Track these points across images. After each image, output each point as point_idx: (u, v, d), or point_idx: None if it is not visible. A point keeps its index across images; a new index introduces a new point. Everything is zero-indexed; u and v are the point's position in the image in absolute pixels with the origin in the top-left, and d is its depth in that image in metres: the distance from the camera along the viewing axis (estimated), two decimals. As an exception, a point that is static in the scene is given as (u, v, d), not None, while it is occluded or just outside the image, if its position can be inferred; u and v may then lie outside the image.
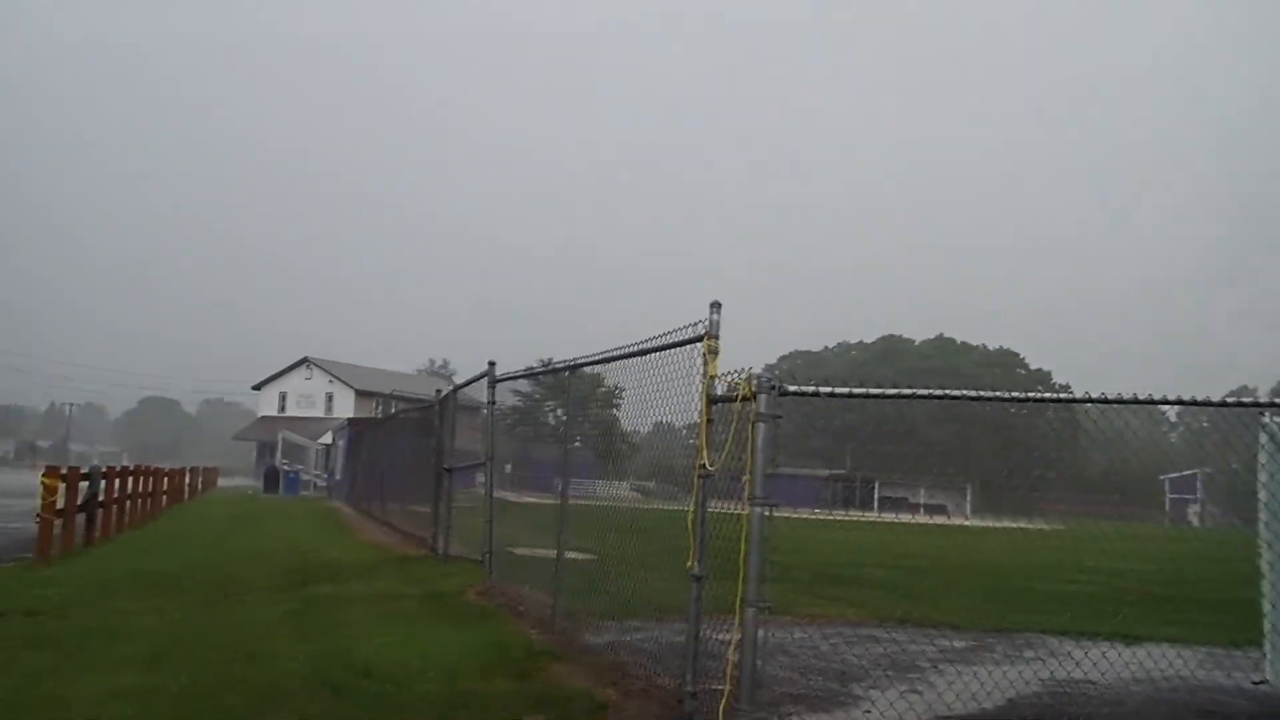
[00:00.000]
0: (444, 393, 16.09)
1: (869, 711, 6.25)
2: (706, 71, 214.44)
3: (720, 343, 5.90)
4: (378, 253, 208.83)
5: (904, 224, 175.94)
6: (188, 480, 35.00)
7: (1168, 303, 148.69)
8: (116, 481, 18.60)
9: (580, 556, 9.42)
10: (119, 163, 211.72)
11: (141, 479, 22.16)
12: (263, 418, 77.22)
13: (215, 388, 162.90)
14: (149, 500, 23.13)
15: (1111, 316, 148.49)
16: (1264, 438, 6.37)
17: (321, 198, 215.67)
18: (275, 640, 7.92)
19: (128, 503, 19.87)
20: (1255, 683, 6.60)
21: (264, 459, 62.26)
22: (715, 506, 6.11)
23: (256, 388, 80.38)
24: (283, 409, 76.42)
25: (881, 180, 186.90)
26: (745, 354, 6.10)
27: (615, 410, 9.21)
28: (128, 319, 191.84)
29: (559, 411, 10.54)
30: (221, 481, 54.59)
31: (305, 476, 48.60)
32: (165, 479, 27.18)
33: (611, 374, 8.35)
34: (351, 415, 58.03)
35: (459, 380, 21.26)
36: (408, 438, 19.57)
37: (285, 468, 47.75)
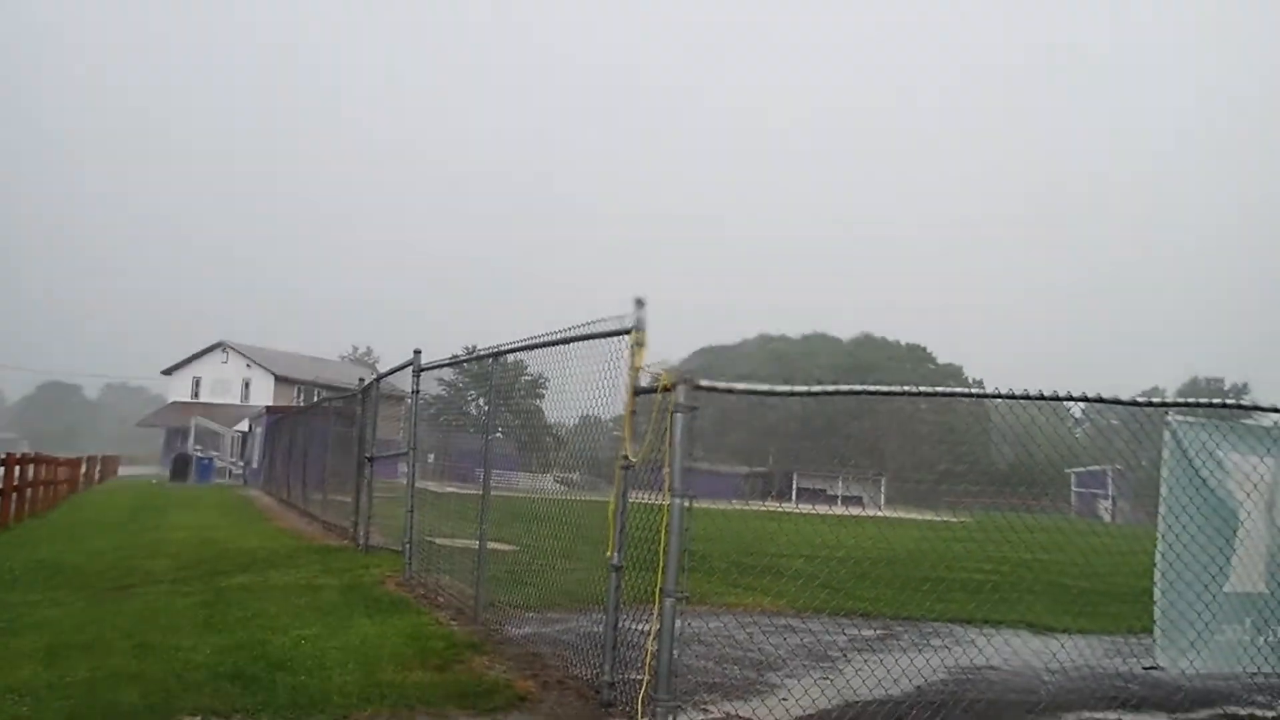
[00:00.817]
0: (367, 381, 15.87)
1: (784, 700, 6.36)
2: (626, 55, 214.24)
3: (646, 335, 5.94)
4: (300, 236, 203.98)
5: (827, 210, 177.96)
6: (83, 469, 33.82)
7: (1092, 303, 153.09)
8: (17, 470, 17.93)
9: (502, 547, 9.39)
10: (15, 134, 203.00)
11: (34, 466, 21.38)
12: (173, 403, 74.91)
13: (120, 373, 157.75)
14: (45, 489, 22.34)
15: (1033, 315, 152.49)
16: (1167, 436, 6.63)
17: (240, 177, 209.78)
18: (182, 633, 7.72)
19: (27, 490, 19.17)
20: (1146, 668, 6.88)
21: (173, 446, 60.48)
22: (636, 498, 6.16)
23: (167, 372, 77.89)
24: (196, 395, 74.23)
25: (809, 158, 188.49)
26: (659, 346, 6.13)
27: (539, 401, 9.19)
28: (26, 299, 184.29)
29: (481, 401, 10.47)
30: (124, 470, 52.85)
31: (220, 464, 47.48)
32: (59, 468, 26.26)
33: (535, 364, 8.34)
34: (270, 402, 56.73)
35: (382, 368, 21.00)
36: (330, 426, 19.23)
37: (199, 454, 46.58)
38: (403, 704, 5.88)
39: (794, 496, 64.27)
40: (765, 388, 6.08)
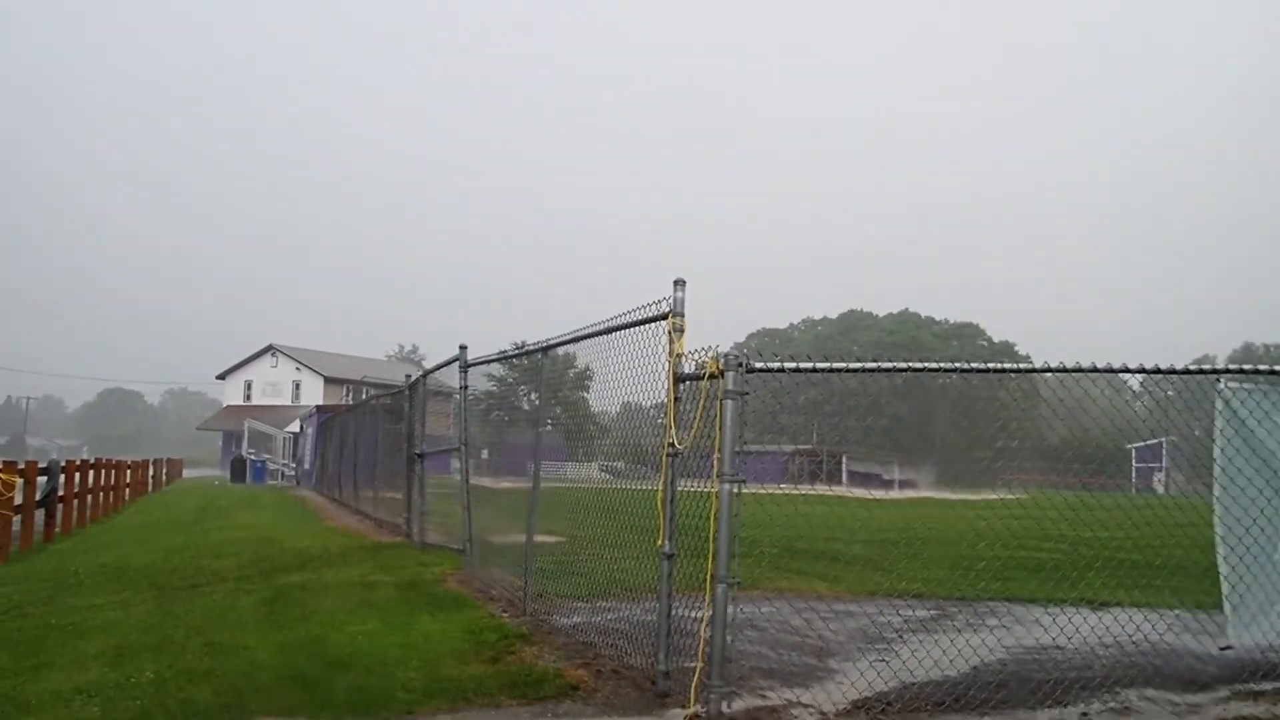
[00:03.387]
0: (413, 378, 16.02)
1: (840, 684, 6.32)
2: (667, 50, 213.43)
3: (686, 321, 5.92)
4: (346, 237, 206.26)
5: (866, 198, 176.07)
6: (151, 472, 34.60)
7: (1138, 273, 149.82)
8: (76, 475, 18.35)
9: (551, 539, 9.44)
10: (75, 158, 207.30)
11: (102, 472, 21.88)
12: (228, 407, 76.41)
13: (179, 378, 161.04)
14: (111, 493, 22.86)
15: (1079, 289, 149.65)
16: (1220, 404, 6.49)
17: (293, 177, 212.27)
18: (246, 631, 7.87)
19: (89, 497, 19.62)
20: (1222, 649, 6.73)
21: (230, 449, 61.64)
22: (684, 485, 6.15)
23: (221, 377, 79.45)
24: (248, 398, 75.67)
25: (843, 152, 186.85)
26: (712, 333, 6.14)
27: (585, 393, 9.22)
28: (89, 311, 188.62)
29: (533, 395, 10.51)
30: (187, 472, 53.95)
31: (273, 465, 48.23)
32: (127, 471, 26.85)
33: (582, 355, 8.37)
34: (320, 402, 57.55)
35: (429, 365, 21.12)
36: (378, 424, 19.44)
37: (252, 457, 47.35)
38: (460, 697, 5.94)
39: (844, 479, 63.88)
40: (824, 365, 6.00)
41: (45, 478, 15.88)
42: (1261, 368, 6.73)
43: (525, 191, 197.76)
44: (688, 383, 5.96)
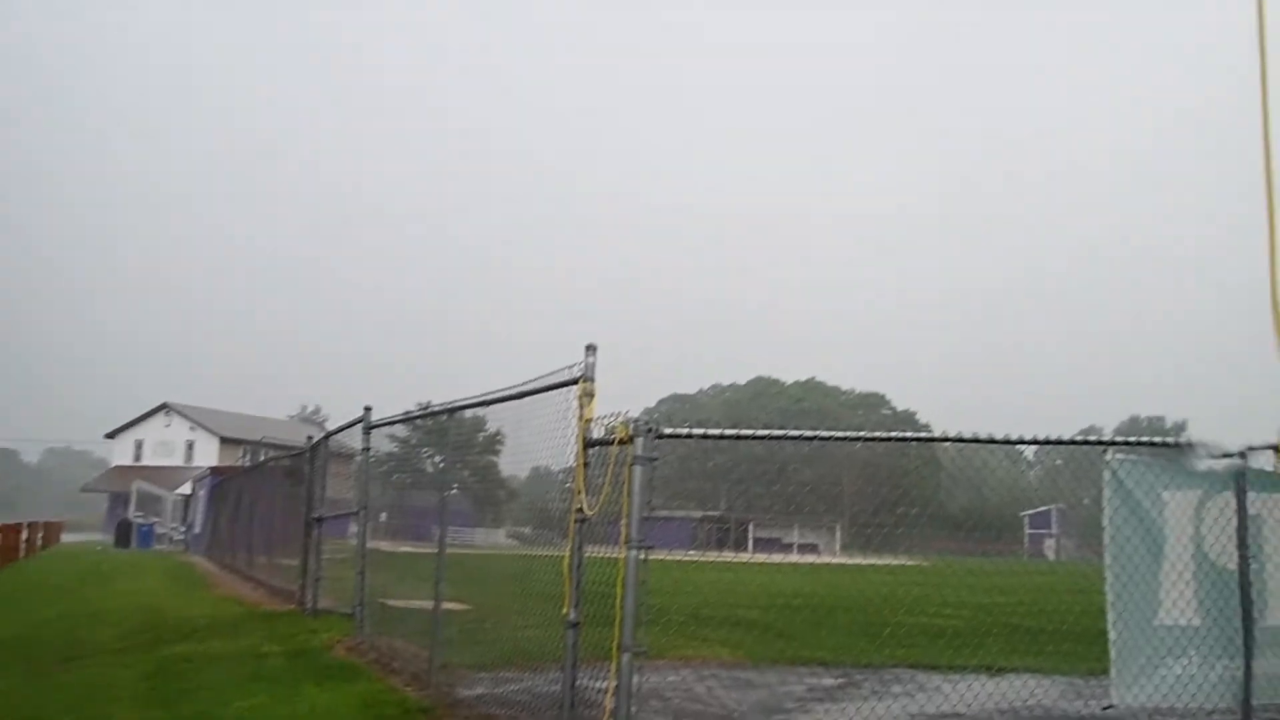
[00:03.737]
0: (315, 439, 15.62)
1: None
2: (573, 106, 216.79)
3: (597, 386, 5.91)
4: (245, 294, 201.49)
5: (779, 266, 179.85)
6: (24, 536, 32.73)
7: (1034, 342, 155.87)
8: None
9: (456, 607, 9.20)
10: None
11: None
12: (116, 467, 73.26)
13: (62, 435, 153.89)
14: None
15: (976, 363, 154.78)
16: (1107, 474, 6.72)
17: (184, 237, 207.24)
18: (123, 708, 7.44)
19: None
20: (1104, 709, 6.90)
21: (117, 512, 58.95)
22: (592, 551, 6.08)
23: (110, 435, 76.30)
24: (139, 458, 72.68)
25: (753, 220, 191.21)
26: (622, 399, 6.13)
27: (494, 456, 9.11)
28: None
29: (437, 458, 10.33)
30: (68, 537, 51.31)
31: (161, 529, 46.29)
32: (-1, 535, 25.43)
33: (491, 419, 8.27)
34: (215, 464, 55.62)
35: (331, 426, 20.64)
36: (276, 486, 18.84)
37: (139, 520, 45.39)
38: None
39: (750, 546, 64.17)
40: (732, 431, 6.05)
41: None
42: (1145, 439, 7.02)
43: (433, 251, 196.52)
44: (597, 448, 5.94)
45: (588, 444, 5.94)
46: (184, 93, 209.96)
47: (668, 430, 5.69)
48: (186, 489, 49.44)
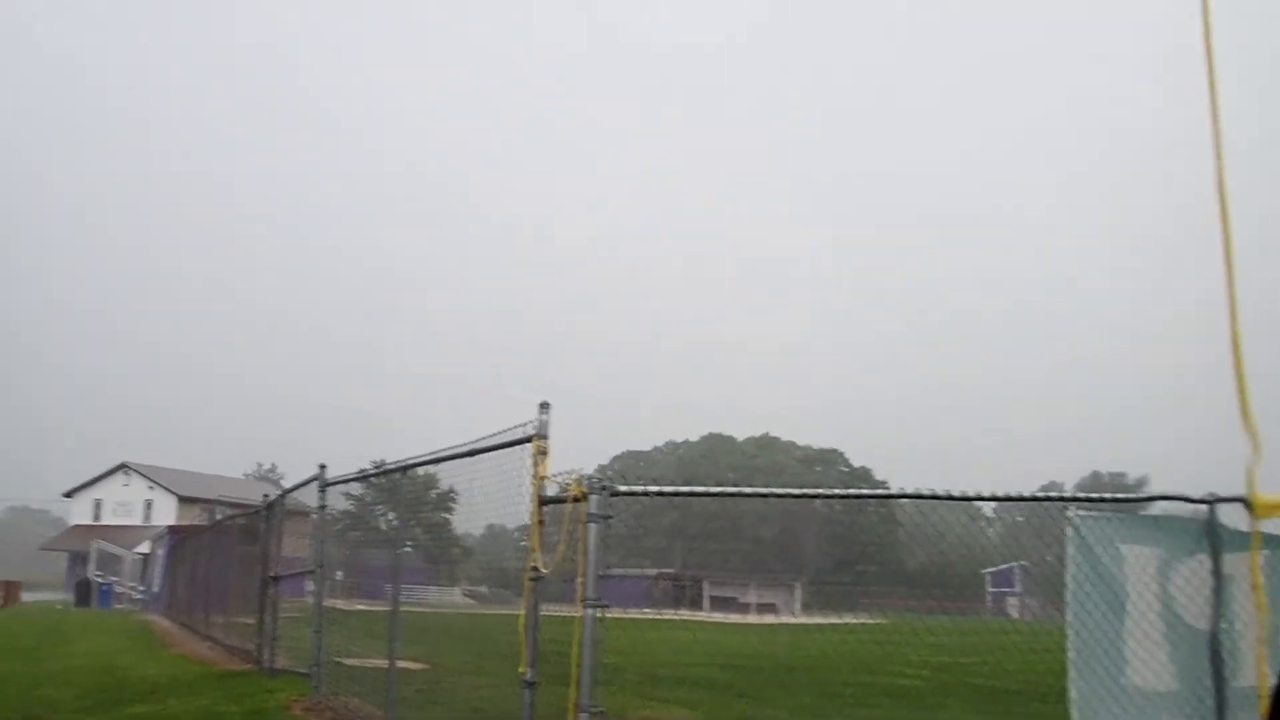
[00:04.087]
0: (271, 498, 15.43)
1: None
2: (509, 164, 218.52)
3: (551, 444, 5.92)
4: (201, 352, 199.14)
5: (730, 321, 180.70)
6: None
7: (993, 399, 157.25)
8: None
9: (413, 666, 9.07)
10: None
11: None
12: (75, 526, 71.94)
13: (20, 494, 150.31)
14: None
15: (932, 415, 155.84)
16: (1070, 531, 6.75)
17: (138, 294, 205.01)
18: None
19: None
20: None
21: (76, 571, 57.68)
22: (547, 610, 6.04)
23: (68, 494, 75.00)
24: (98, 517, 71.51)
25: (699, 271, 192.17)
26: (576, 456, 6.15)
27: (448, 514, 9.04)
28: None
29: (391, 515, 10.24)
30: (27, 595, 50.08)
31: (120, 588, 45.49)
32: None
33: (445, 476, 8.23)
34: (173, 522, 54.70)
35: (287, 484, 20.35)
36: (233, 545, 18.55)
37: (99, 579, 44.61)
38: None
39: (705, 605, 63.56)
40: (686, 489, 6.08)
41: None
42: (1107, 495, 7.07)
43: (388, 309, 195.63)
44: (551, 505, 5.93)
45: (543, 501, 5.93)
46: (140, 137, 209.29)
47: (622, 488, 5.70)
48: (145, 548, 48.54)
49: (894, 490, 6.53)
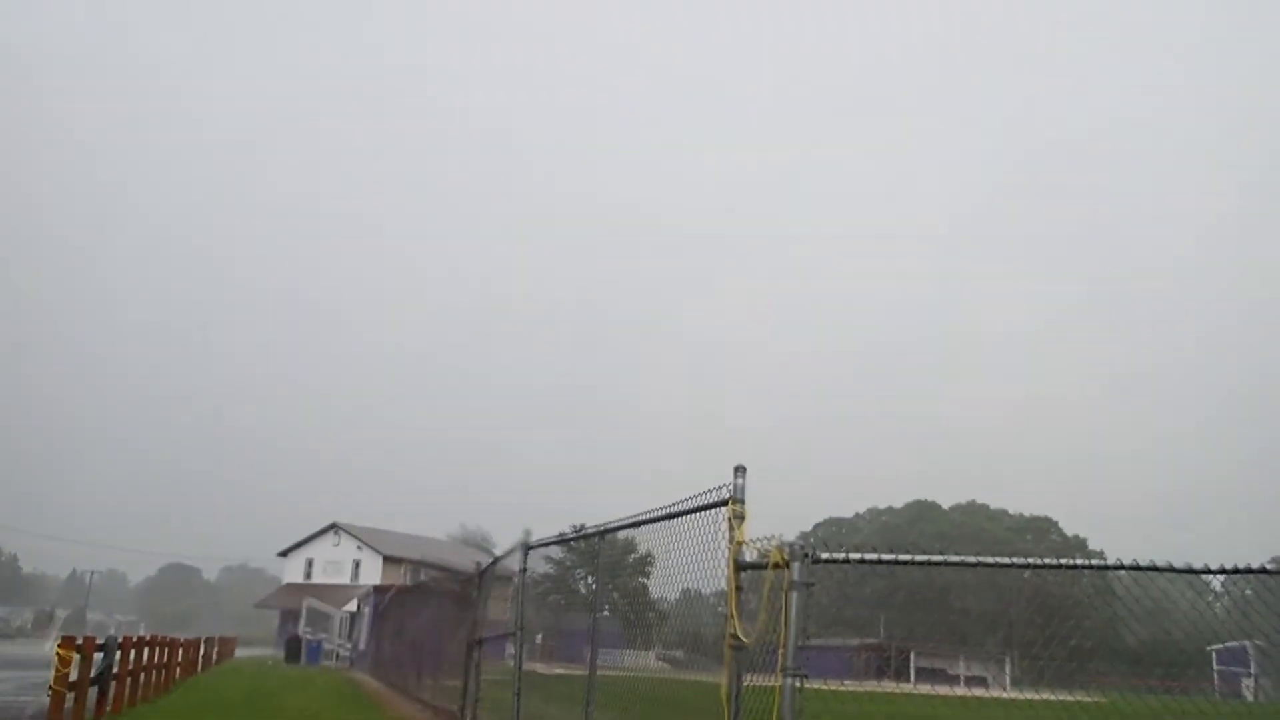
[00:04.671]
0: (484, 565, 15.99)
1: None
2: (714, 217, 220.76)
3: (747, 508, 5.92)
4: (409, 414, 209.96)
5: (930, 386, 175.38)
6: (202, 651, 34.35)
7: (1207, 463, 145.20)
8: (131, 652, 18.30)
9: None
10: (135, 340, 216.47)
11: (155, 649, 21.79)
12: (288, 584, 76.29)
13: (238, 554, 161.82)
14: (163, 671, 22.68)
15: (1154, 483, 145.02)
16: (1304, 606, 6.22)
17: (349, 357, 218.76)
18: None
19: (140, 675, 19.50)
20: None
21: (287, 627, 61.13)
22: (745, 679, 5.99)
23: (283, 554, 79.80)
24: (309, 575, 75.54)
25: (902, 341, 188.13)
26: (777, 523, 6.11)
27: (644, 579, 9.15)
28: (154, 488, 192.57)
29: (589, 579, 10.44)
30: (241, 651, 53.37)
31: (328, 646, 47.63)
32: (180, 650, 26.71)
33: (641, 541, 8.35)
34: (378, 581, 57.21)
35: (490, 545, 21.08)
36: (440, 608, 19.27)
37: (308, 636, 46.88)
38: None
39: (912, 677, 60.98)
40: (889, 556, 5.89)
41: (101, 654, 15.85)
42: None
43: (589, 377, 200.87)
44: (748, 571, 5.91)
45: (739, 567, 5.92)
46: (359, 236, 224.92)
47: (824, 555, 5.62)
48: (353, 606, 50.95)
49: (1110, 561, 6.17)
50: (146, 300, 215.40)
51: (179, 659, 26.22)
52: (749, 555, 5.88)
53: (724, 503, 6.05)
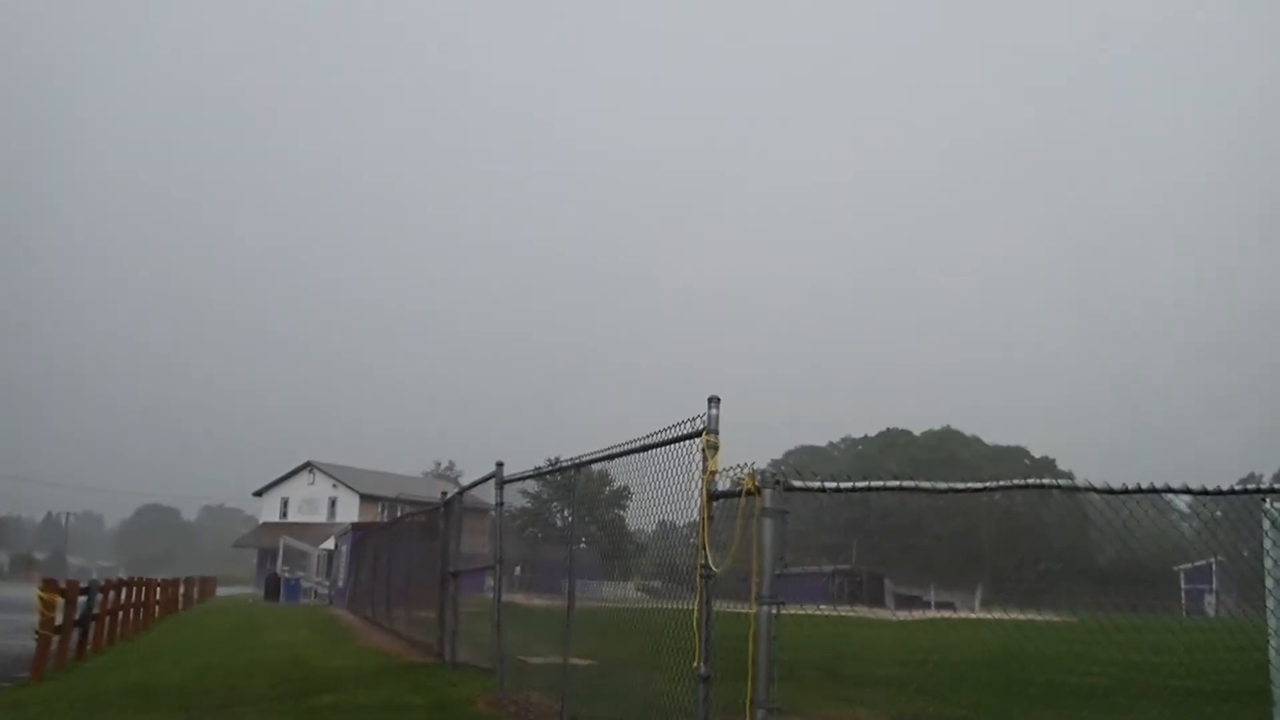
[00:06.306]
0: (449, 495, 16.02)
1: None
2: (698, 156, 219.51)
3: (721, 439, 5.92)
4: (381, 353, 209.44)
5: (905, 314, 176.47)
6: (181, 590, 34.49)
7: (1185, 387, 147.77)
8: (110, 593, 18.33)
9: (584, 662, 9.25)
10: (111, 280, 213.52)
11: (134, 590, 21.85)
12: (264, 524, 76.47)
13: (215, 494, 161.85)
14: (141, 610, 22.78)
15: (1120, 407, 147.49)
16: (1266, 524, 6.34)
17: (320, 299, 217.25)
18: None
19: (120, 614, 19.57)
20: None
21: (265, 566, 61.43)
22: (722, 606, 6.04)
23: (258, 494, 79.81)
24: (285, 515, 75.71)
25: (881, 270, 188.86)
26: (748, 451, 6.11)
27: (621, 511, 9.19)
28: (126, 428, 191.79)
29: (566, 512, 10.49)
30: (221, 590, 53.67)
31: (306, 584, 47.97)
32: (158, 589, 26.79)
33: (618, 473, 8.37)
34: (356, 520, 57.45)
35: (465, 482, 21.14)
36: (413, 542, 19.36)
37: (286, 575, 47.16)
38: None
39: (889, 603, 62.21)
40: (862, 484, 5.94)
41: (85, 598, 15.89)
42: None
43: (563, 316, 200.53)
44: (721, 500, 5.93)
45: (712, 496, 5.93)
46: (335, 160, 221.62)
47: (797, 483, 5.63)
48: (330, 544, 51.20)
49: (1080, 483, 6.23)
50: (120, 242, 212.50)
51: (157, 598, 26.31)
52: (722, 484, 5.89)
53: (698, 434, 6.05)
